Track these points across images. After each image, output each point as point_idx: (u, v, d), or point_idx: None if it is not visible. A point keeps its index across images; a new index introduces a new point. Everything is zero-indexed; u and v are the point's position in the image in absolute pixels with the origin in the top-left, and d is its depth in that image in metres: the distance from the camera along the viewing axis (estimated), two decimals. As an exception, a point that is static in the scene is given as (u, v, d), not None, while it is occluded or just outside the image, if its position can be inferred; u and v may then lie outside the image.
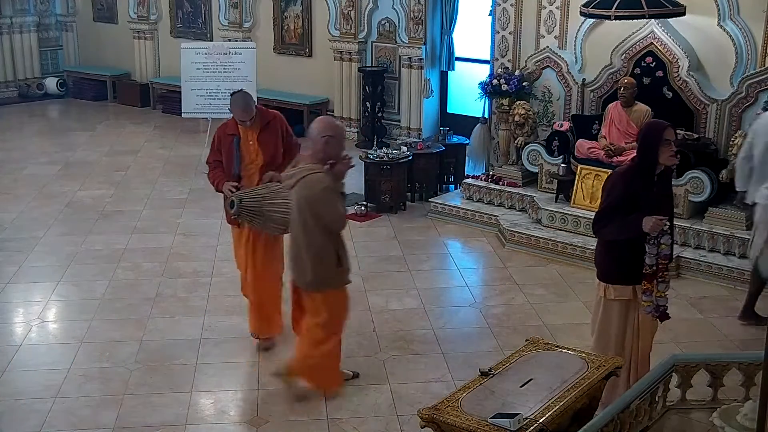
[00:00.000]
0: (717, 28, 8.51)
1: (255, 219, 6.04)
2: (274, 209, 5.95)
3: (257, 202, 5.98)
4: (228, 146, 6.31)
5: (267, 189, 6.06)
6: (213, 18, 14.37)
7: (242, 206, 5.97)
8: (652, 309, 5.16)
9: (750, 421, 4.16)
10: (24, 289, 7.71)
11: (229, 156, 6.30)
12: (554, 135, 9.13)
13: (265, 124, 6.35)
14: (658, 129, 5.11)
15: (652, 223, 4.97)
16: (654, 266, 5.08)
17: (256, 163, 6.32)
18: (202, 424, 5.62)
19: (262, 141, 6.32)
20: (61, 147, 12.51)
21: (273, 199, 5.94)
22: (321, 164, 5.40)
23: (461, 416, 4.34)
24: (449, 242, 8.93)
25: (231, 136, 6.35)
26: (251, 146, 6.33)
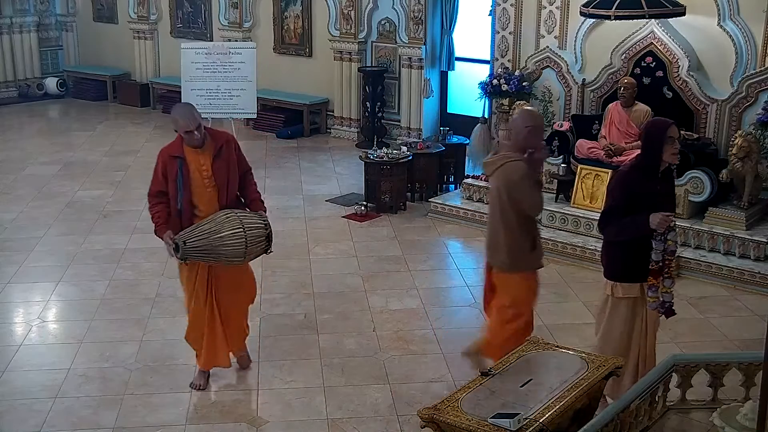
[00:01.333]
0: (717, 28, 8.51)
1: (206, 257, 5.56)
2: (223, 243, 5.48)
3: (203, 240, 5.46)
4: (174, 172, 5.53)
5: (211, 222, 5.51)
6: (213, 18, 14.37)
7: (188, 248, 5.46)
8: (658, 305, 5.18)
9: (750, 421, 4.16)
10: (24, 289, 7.71)
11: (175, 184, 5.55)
12: (554, 135, 9.14)
13: (218, 148, 5.62)
14: (662, 127, 5.13)
15: (659, 219, 4.99)
16: (660, 262, 5.11)
17: (208, 194, 5.61)
18: (202, 424, 5.62)
19: (216, 168, 5.59)
20: (61, 147, 12.52)
21: (219, 231, 5.47)
22: (520, 153, 5.47)
23: (461, 416, 4.34)
24: (449, 242, 8.93)
25: (176, 159, 5.55)
26: (203, 173, 5.58)
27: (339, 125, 12.98)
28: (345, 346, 6.64)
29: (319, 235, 8.94)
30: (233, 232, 5.47)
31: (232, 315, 5.97)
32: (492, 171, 5.58)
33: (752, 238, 7.81)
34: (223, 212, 5.56)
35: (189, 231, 5.50)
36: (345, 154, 11.98)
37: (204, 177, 5.56)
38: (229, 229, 5.47)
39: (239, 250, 5.53)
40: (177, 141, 5.61)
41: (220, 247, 5.48)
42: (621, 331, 5.33)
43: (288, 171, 11.18)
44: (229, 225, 5.48)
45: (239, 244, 5.50)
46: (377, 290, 7.63)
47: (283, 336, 6.74)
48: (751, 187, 8.05)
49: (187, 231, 5.50)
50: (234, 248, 5.51)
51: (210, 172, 5.56)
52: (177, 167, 5.50)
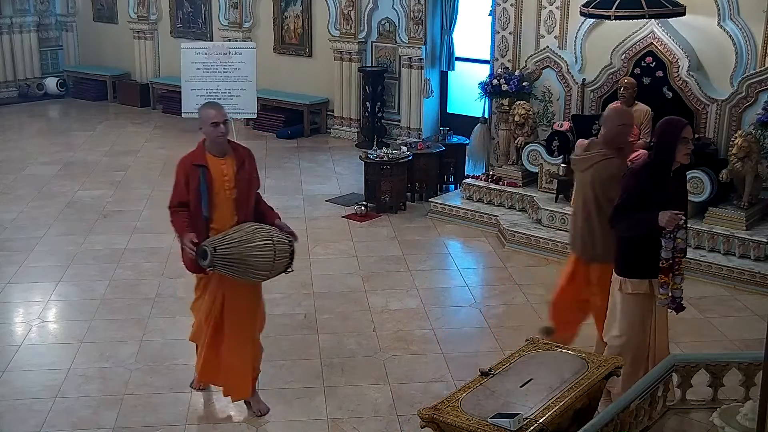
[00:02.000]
0: (717, 28, 8.51)
1: (234, 268, 5.20)
2: (253, 254, 5.18)
3: (234, 249, 5.14)
4: (197, 181, 5.32)
5: (239, 231, 5.23)
6: (213, 18, 14.37)
7: (217, 255, 5.11)
8: (668, 301, 5.21)
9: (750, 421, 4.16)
10: (24, 289, 7.71)
11: (198, 194, 5.33)
12: (554, 135, 9.13)
13: (242, 161, 5.46)
14: (677, 127, 5.17)
15: (668, 217, 5.01)
16: (670, 260, 5.13)
17: (227, 205, 5.39)
18: (202, 424, 5.62)
19: (239, 180, 5.41)
20: (61, 147, 12.52)
21: (250, 241, 5.18)
22: (612, 149, 5.69)
23: (461, 416, 4.34)
24: (449, 242, 8.93)
25: (198, 168, 5.34)
26: (225, 183, 5.37)
27: (339, 125, 12.98)
28: (345, 346, 6.64)
29: (319, 235, 8.94)
30: (264, 244, 5.22)
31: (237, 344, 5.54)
32: (586, 167, 5.76)
33: (752, 238, 7.81)
34: (250, 224, 5.32)
35: (218, 238, 5.19)
36: (345, 154, 11.99)
37: (226, 188, 5.36)
38: (259, 239, 5.21)
39: (267, 263, 5.26)
40: (199, 149, 5.43)
41: (250, 258, 5.18)
42: (633, 327, 5.35)
43: (288, 171, 11.18)
44: (259, 236, 5.23)
45: (268, 256, 5.24)
46: (377, 290, 7.63)
47: (283, 336, 6.74)
48: (751, 187, 8.05)
49: (215, 238, 5.21)
50: (263, 260, 5.24)
51: (232, 183, 5.37)
52: (199, 176, 5.31)
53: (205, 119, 5.37)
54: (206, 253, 5.10)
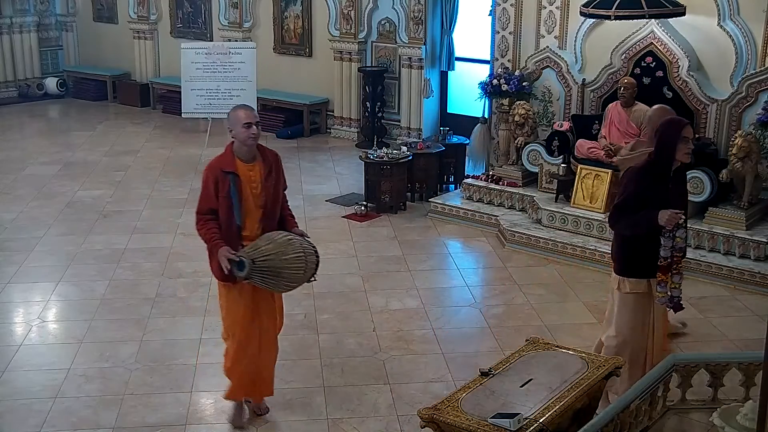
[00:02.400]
0: (717, 28, 8.51)
1: (269, 279, 5.11)
2: (287, 266, 5.10)
3: (270, 261, 5.05)
4: (227, 188, 5.15)
5: (271, 242, 5.10)
6: (213, 18, 14.37)
7: (255, 268, 5.03)
8: (667, 300, 5.22)
9: (750, 421, 4.16)
10: (24, 289, 7.71)
11: (228, 201, 5.16)
12: (554, 135, 9.13)
13: (270, 165, 5.32)
14: (677, 127, 5.19)
15: (667, 216, 5.03)
16: (669, 258, 5.15)
17: (255, 212, 5.25)
18: (202, 424, 5.62)
19: (267, 186, 5.27)
20: (61, 147, 12.52)
21: (285, 253, 5.08)
22: None
23: (461, 416, 4.34)
24: (449, 242, 8.93)
25: (228, 175, 5.16)
26: (253, 190, 5.22)
27: (339, 125, 12.98)
28: (345, 346, 6.64)
29: (319, 235, 8.92)
30: (296, 256, 5.11)
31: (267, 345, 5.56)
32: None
33: (752, 238, 7.80)
34: (280, 233, 5.18)
35: (252, 250, 5.06)
36: (345, 154, 11.98)
37: (254, 195, 5.20)
38: (292, 252, 5.10)
39: (299, 275, 5.16)
40: (227, 155, 5.21)
41: (284, 269, 5.09)
42: (631, 326, 5.36)
43: (288, 171, 10.98)
44: (292, 248, 5.11)
45: (300, 269, 5.14)
46: (377, 290, 7.63)
47: (283, 336, 6.70)
48: (751, 187, 8.05)
49: (249, 249, 5.07)
50: (295, 273, 5.14)
51: (260, 190, 5.21)
52: (229, 183, 5.12)
53: (235, 121, 5.17)
54: (244, 265, 4.99)
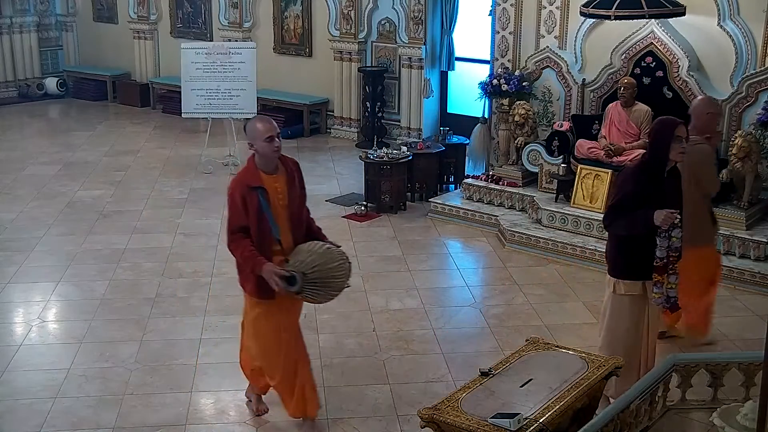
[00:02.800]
0: (717, 28, 8.51)
1: (318, 291, 5.04)
2: (333, 276, 5.05)
3: (318, 273, 4.98)
4: (256, 204, 5.01)
5: (312, 253, 5.02)
6: (213, 18, 14.37)
7: (307, 281, 4.95)
8: (663, 300, 5.21)
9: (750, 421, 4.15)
10: (24, 289, 7.71)
11: (261, 217, 5.03)
12: (554, 135, 9.14)
13: (291, 173, 5.20)
14: (670, 126, 5.18)
15: (663, 216, 5.02)
16: (665, 259, 5.14)
17: (287, 224, 5.15)
18: (202, 424, 5.62)
19: (292, 196, 5.16)
20: (61, 147, 12.52)
21: (328, 263, 5.03)
22: (701, 136, 6.05)
23: (461, 416, 4.34)
24: (449, 242, 8.93)
25: (256, 191, 5.03)
26: (280, 201, 5.11)
27: (339, 125, 12.98)
28: (345, 346, 6.64)
29: (319, 235, 8.93)
30: (339, 264, 5.06)
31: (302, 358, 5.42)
32: None
33: (752, 238, 7.80)
34: (315, 243, 5.11)
35: (298, 263, 4.97)
36: (345, 154, 11.98)
37: (282, 206, 5.10)
38: (333, 261, 5.04)
39: (342, 282, 5.10)
40: (251, 169, 5.08)
41: (331, 279, 5.03)
42: (626, 328, 5.35)
43: (288, 171, 11.16)
44: (333, 256, 5.06)
45: (343, 276, 5.09)
46: (377, 290, 7.63)
47: (283, 336, 6.73)
48: (751, 187, 8.05)
49: (295, 263, 4.98)
50: (339, 281, 5.08)
51: (286, 200, 5.11)
52: (258, 198, 4.99)
53: (256, 135, 5.02)
54: (295, 280, 4.91)
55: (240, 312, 7.14)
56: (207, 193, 10.38)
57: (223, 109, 11.20)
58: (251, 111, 11.35)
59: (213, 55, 11.16)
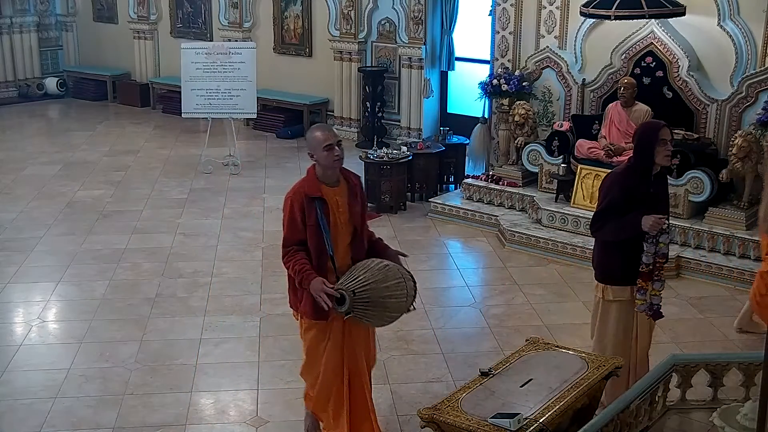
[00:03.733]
0: (717, 28, 8.51)
1: (371, 312, 4.66)
2: (390, 295, 4.65)
3: (370, 291, 4.59)
4: (314, 216, 4.70)
5: (368, 270, 4.66)
6: (213, 18, 14.37)
7: (357, 300, 4.57)
8: (646, 307, 5.17)
9: (750, 421, 4.16)
10: (24, 289, 7.71)
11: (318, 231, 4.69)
12: (554, 135, 9.14)
13: (352, 187, 4.91)
14: (653, 129, 5.11)
15: (651, 222, 4.97)
16: (650, 265, 5.09)
17: (345, 239, 4.82)
18: (202, 424, 5.62)
19: (353, 211, 4.84)
20: (61, 147, 12.51)
21: (384, 281, 4.64)
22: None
23: (461, 416, 4.34)
24: (449, 242, 8.93)
25: (314, 201, 4.71)
26: (340, 216, 4.78)
27: (339, 125, 12.97)
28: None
29: (319, 235, 8.93)
30: (397, 282, 4.67)
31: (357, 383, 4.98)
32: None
33: (752, 238, 7.80)
34: (373, 260, 4.74)
35: (350, 281, 4.60)
36: (345, 154, 11.94)
37: (341, 221, 4.77)
38: (392, 279, 4.66)
39: (401, 303, 4.71)
40: (311, 179, 4.80)
41: (387, 299, 4.64)
42: (614, 334, 5.32)
43: (288, 171, 11.17)
44: (391, 274, 4.68)
45: (402, 296, 4.69)
46: (377, 290, 7.61)
47: (283, 336, 6.73)
48: (751, 187, 8.05)
49: (346, 281, 4.61)
50: (398, 301, 4.69)
51: (347, 215, 4.79)
52: (316, 210, 4.68)
53: (315, 144, 4.77)
54: (344, 299, 4.55)
55: (240, 312, 7.18)
56: (207, 193, 10.38)
57: (223, 109, 11.20)
58: (251, 111, 11.37)
59: (213, 55, 11.16)
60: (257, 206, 9.88)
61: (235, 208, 9.82)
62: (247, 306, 7.29)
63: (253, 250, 8.59)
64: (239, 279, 7.86)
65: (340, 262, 4.75)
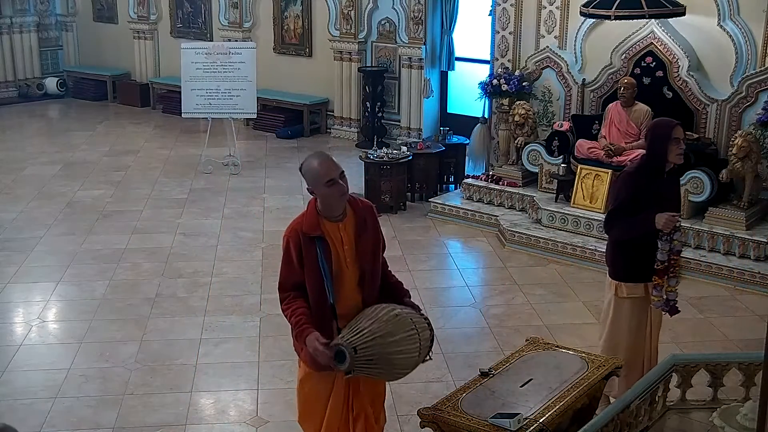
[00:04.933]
0: (717, 28, 8.51)
1: (376, 369, 4.07)
2: (398, 350, 4.03)
3: (375, 347, 3.98)
4: (313, 258, 4.08)
5: (374, 320, 4.03)
6: (213, 18, 14.37)
7: (358, 358, 3.95)
8: (662, 304, 5.20)
9: (750, 421, 4.15)
10: (24, 289, 7.71)
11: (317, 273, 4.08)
12: (554, 135, 9.14)
13: (361, 220, 4.23)
14: (667, 127, 5.14)
15: (665, 220, 4.99)
16: (665, 262, 5.12)
17: (349, 283, 4.16)
18: (202, 424, 5.61)
19: (361, 249, 4.18)
20: (61, 147, 12.51)
21: (393, 334, 4.01)
22: None
23: (461, 416, 4.34)
24: (449, 242, 8.93)
25: (313, 241, 4.08)
26: (346, 256, 4.14)
27: (339, 125, 12.98)
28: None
29: (319, 235, 8.92)
30: (408, 335, 4.05)
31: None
32: None
33: (752, 238, 7.80)
34: (382, 308, 4.11)
35: (353, 334, 3.99)
36: (345, 154, 11.97)
37: (347, 261, 4.14)
38: (402, 331, 4.04)
39: (412, 358, 4.11)
40: (310, 214, 4.13)
41: (394, 355, 4.04)
42: (628, 330, 5.34)
43: (288, 171, 11.17)
44: (401, 324, 4.06)
45: (413, 351, 4.09)
46: (377, 290, 7.61)
47: (283, 336, 6.71)
48: (751, 187, 8.05)
49: (348, 334, 4.00)
50: (408, 357, 4.09)
51: (353, 254, 4.15)
52: (316, 250, 4.07)
53: (315, 180, 4.06)
54: (344, 356, 3.96)
55: (240, 312, 7.18)
56: (207, 193, 10.38)
57: (223, 109, 11.20)
58: (251, 111, 11.37)
59: (213, 55, 11.16)
60: (257, 206, 9.88)
61: (235, 208, 9.82)
62: (247, 306, 7.29)
63: (253, 250, 8.59)
64: (239, 279, 7.85)
65: (346, 309, 4.14)
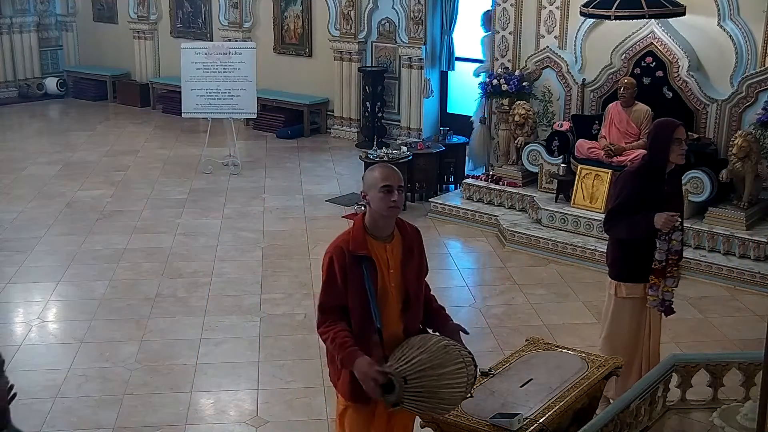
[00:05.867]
0: (717, 28, 8.51)
1: (423, 403, 3.79)
2: (447, 383, 3.77)
3: (425, 378, 3.72)
4: (359, 279, 3.81)
5: (424, 350, 3.77)
6: (213, 18, 14.37)
7: (408, 389, 3.69)
8: (658, 303, 5.20)
9: (750, 421, 4.15)
10: (24, 289, 7.71)
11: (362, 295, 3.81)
12: (554, 135, 9.14)
13: (409, 242, 3.96)
14: (669, 128, 5.14)
15: (664, 219, 4.99)
16: (663, 262, 5.11)
17: (396, 307, 3.90)
18: (202, 424, 5.61)
19: (408, 273, 3.92)
20: (61, 147, 12.51)
21: (443, 366, 3.75)
22: None
23: (461, 416, 4.33)
24: (449, 242, 8.93)
25: (359, 260, 3.81)
26: (391, 278, 3.88)
27: (339, 125, 12.98)
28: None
29: (319, 235, 8.93)
30: (457, 368, 3.78)
31: None
32: None
33: (752, 238, 7.80)
34: (432, 338, 3.88)
35: (403, 363, 3.72)
36: (345, 154, 11.98)
37: (392, 285, 3.88)
38: (452, 363, 3.77)
39: (460, 393, 3.83)
40: (357, 231, 3.86)
41: (443, 389, 3.76)
42: (627, 330, 5.34)
43: (288, 171, 11.18)
44: (450, 357, 3.78)
45: (461, 384, 3.81)
46: (377, 290, 7.61)
47: (283, 336, 6.74)
48: (751, 187, 8.05)
49: (397, 363, 3.73)
50: (455, 391, 3.81)
51: (399, 279, 3.89)
52: (362, 270, 3.79)
53: (371, 182, 3.84)
54: (393, 386, 3.67)
55: (240, 312, 7.18)
56: (207, 193, 10.38)
57: (223, 109, 11.19)
58: (251, 111, 11.37)
59: (213, 55, 11.16)
60: (257, 206, 9.88)
61: (235, 208, 9.82)
62: (247, 306, 7.29)
63: (253, 250, 8.59)
64: (239, 279, 7.86)
65: (388, 335, 3.86)
